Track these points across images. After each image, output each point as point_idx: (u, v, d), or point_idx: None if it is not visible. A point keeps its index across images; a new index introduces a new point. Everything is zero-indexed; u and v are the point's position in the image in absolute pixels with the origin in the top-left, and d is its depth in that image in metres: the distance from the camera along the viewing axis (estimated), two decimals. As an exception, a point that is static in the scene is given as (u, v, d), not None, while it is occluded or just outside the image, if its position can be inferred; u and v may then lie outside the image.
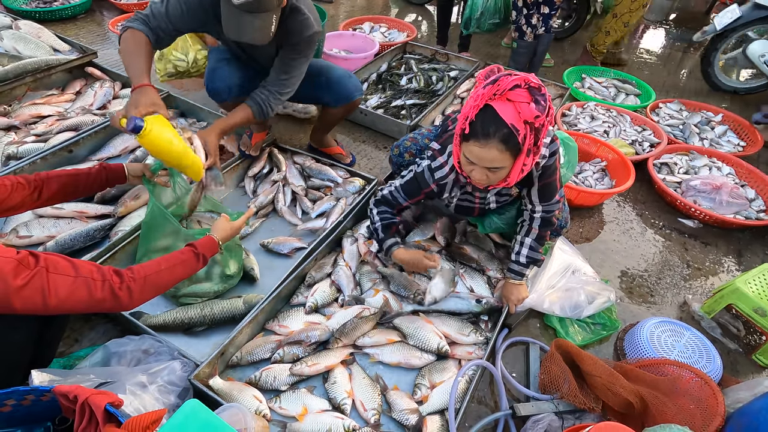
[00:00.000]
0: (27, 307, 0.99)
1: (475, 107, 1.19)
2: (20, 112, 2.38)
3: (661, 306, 1.88)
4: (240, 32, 1.51)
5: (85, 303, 1.06)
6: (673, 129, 2.91)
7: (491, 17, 3.18)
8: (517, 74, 1.16)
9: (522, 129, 1.16)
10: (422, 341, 1.54)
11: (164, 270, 1.22)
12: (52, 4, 3.71)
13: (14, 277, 0.95)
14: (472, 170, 1.29)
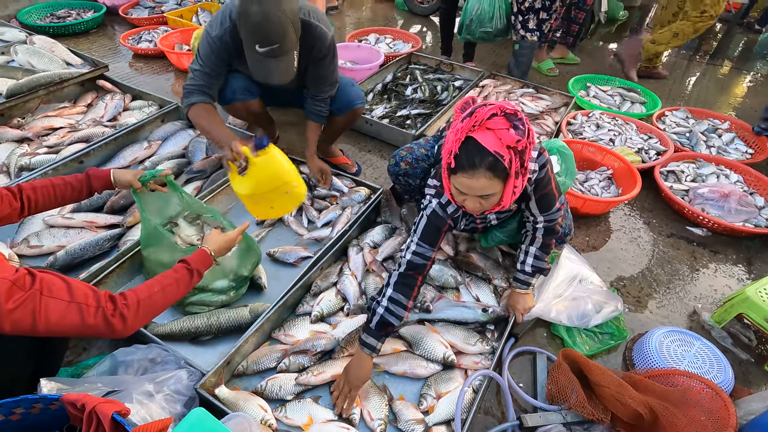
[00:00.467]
0: (16, 329, 0.98)
1: (457, 141, 1.20)
2: (33, 124, 2.43)
3: (670, 315, 1.86)
4: (267, 76, 1.64)
5: (77, 328, 1.04)
6: (680, 137, 2.90)
7: (482, 26, 3.16)
8: (492, 103, 1.19)
9: (506, 154, 1.18)
10: (428, 351, 1.53)
11: (157, 292, 1.20)
12: (65, 19, 3.81)
13: (6, 299, 0.95)
14: (465, 200, 1.30)
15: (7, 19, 3.61)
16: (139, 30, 3.74)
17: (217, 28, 1.73)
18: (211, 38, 1.73)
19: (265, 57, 1.57)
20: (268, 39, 1.53)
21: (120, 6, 4.02)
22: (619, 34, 4.86)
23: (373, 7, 5.07)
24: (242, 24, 1.56)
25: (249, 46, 1.58)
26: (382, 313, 1.39)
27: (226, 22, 1.70)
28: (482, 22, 3.14)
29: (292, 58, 1.63)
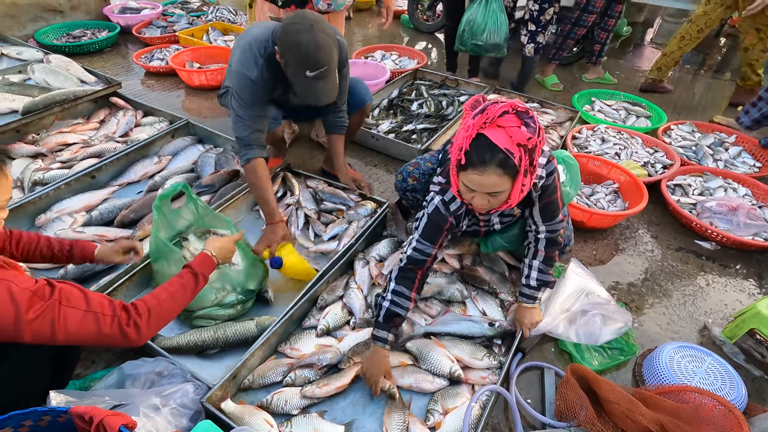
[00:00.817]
0: (36, 339, 1.02)
1: (468, 137, 1.21)
2: (47, 140, 2.49)
3: (681, 330, 1.83)
4: (318, 98, 1.69)
5: (94, 337, 1.08)
6: (686, 150, 2.90)
7: (473, 38, 3.15)
8: (504, 101, 1.20)
9: (516, 152, 1.19)
10: (434, 365, 1.52)
11: (166, 300, 1.23)
12: (80, 39, 3.92)
13: (27, 309, 0.99)
14: (473, 197, 1.31)
15: (25, 39, 3.73)
16: (152, 48, 3.84)
17: (252, 68, 1.72)
18: (252, 80, 1.73)
19: (315, 80, 1.62)
20: (319, 63, 1.59)
21: (133, 26, 4.14)
22: (623, 49, 4.90)
23: (379, 25, 5.17)
24: (292, 53, 1.60)
25: (298, 73, 1.62)
26: (388, 306, 1.47)
27: (259, 59, 1.73)
28: (474, 34, 3.14)
29: (335, 76, 1.69)
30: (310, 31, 1.57)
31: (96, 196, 2.17)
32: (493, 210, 1.37)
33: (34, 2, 3.86)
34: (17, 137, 2.48)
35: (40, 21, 3.93)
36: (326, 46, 1.59)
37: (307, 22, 1.58)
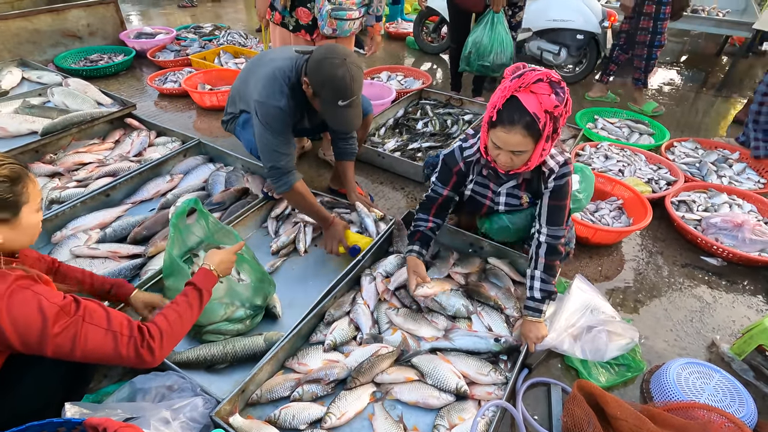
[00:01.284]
0: (56, 353, 1.06)
1: (503, 97, 1.37)
2: (64, 159, 2.58)
3: (688, 347, 1.82)
4: (349, 125, 1.82)
5: (109, 357, 1.12)
6: (690, 167, 2.92)
7: (480, 59, 3.24)
8: (540, 69, 1.35)
9: (542, 117, 1.34)
10: (440, 380, 1.53)
11: (175, 320, 1.27)
12: (97, 63, 4.08)
13: (53, 324, 1.03)
14: (498, 154, 1.48)
15: (45, 63, 3.89)
16: (165, 71, 3.97)
17: (280, 98, 1.79)
18: (282, 110, 1.79)
19: (346, 108, 1.72)
20: (352, 93, 1.70)
21: (148, 50, 4.30)
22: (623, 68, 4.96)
23: (385, 46, 5.30)
24: (328, 86, 1.68)
25: (331, 103, 1.71)
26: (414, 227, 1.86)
27: (285, 89, 1.80)
28: (481, 56, 3.23)
29: (361, 102, 1.80)
30: (345, 65, 1.67)
31: (110, 214, 2.23)
32: (513, 171, 1.54)
33: (54, 29, 4.04)
34: (36, 157, 2.57)
35: (59, 46, 4.11)
36: (359, 78, 1.72)
37: (341, 56, 1.68)
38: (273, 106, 1.79)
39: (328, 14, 2.36)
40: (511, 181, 1.72)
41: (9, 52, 3.78)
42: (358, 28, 2.54)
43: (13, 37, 3.81)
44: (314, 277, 2.01)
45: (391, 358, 1.60)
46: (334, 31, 2.42)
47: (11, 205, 1.08)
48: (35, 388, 1.17)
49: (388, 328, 1.75)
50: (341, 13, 2.37)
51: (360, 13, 2.46)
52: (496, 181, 1.74)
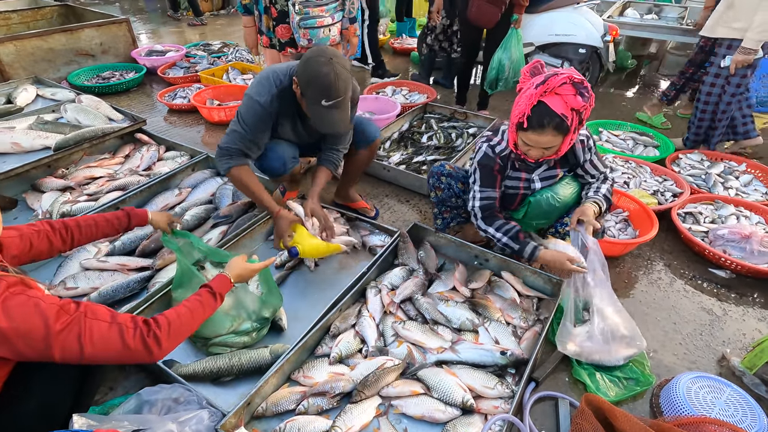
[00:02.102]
0: (64, 353, 1.05)
1: (530, 104, 1.49)
2: (76, 174, 2.63)
3: (698, 360, 1.80)
4: (333, 127, 1.79)
5: (118, 350, 1.11)
6: (696, 179, 2.91)
7: (515, 75, 3.38)
8: (563, 72, 1.45)
9: (570, 115, 1.47)
10: (446, 394, 1.52)
11: (184, 314, 1.27)
12: (109, 79, 4.18)
13: (55, 321, 1.04)
14: (529, 150, 1.62)
15: (59, 81, 3.99)
16: (175, 88, 4.06)
17: (264, 96, 1.82)
18: (260, 105, 1.82)
19: (331, 109, 1.71)
20: (336, 93, 1.69)
21: (159, 67, 4.40)
22: (629, 80, 5.01)
23: (390, 62, 5.38)
24: (313, 84, 1.69)
25: (315, 101, 1.71)
26: (507, 238, 1.80)
27: (273, 89, 1.83)
28: (516, 73, 3.33)
29: (349, 106, 1.79)
30: (330, 64, 1.67)
31: (119, 227, 2.26)
32: (543, 158, 1.66)
33: (68, 48, 4.15)
34: (48, 172, 2.62)
35: (73, 64, 4.22)
36: (344, 77, 1.70)
37: (327, 55, 1.69)
38: (254, 100, 1.83)
39: (298, 25, 2.41)
40: (542, 166, 1.80)
41: (25, 70, 3.89)
42: (338, 34, 2.56)
43: (29, 56, 3.92)
44: (320, 290, 2.02)
45: (397, 371, 1.59)
46: (309, 41, 2.47)
47: None
48: (42, 400, 1.17)
49: (394, 340, 1.75)
50: (310, 21, 2.41)
51: (333, 19, 2.48)
52: (528, 170, 1.81)
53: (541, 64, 1.59)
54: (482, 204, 1.83)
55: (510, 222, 1.83)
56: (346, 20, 2.58)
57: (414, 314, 1.85)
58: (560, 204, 1.81)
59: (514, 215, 1.93)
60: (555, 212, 1.85)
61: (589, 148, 1.76)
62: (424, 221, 2.53)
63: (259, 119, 1.85)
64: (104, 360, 1.12)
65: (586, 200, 1.77)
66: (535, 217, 1.87)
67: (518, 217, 1.91)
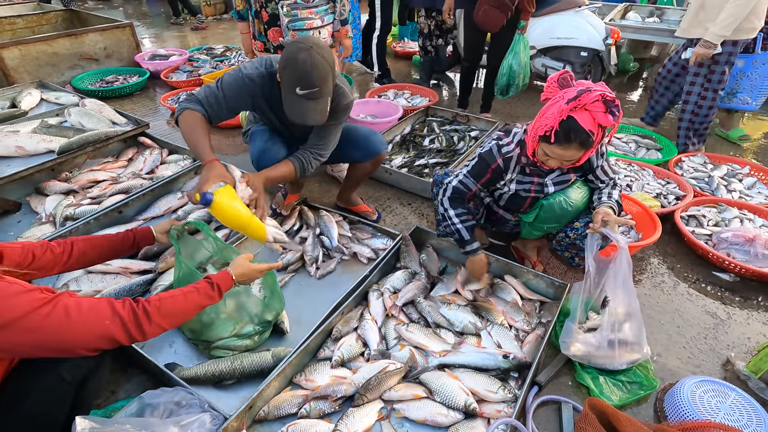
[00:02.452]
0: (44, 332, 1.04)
1: (558, 119, 1.48)
2: (79, 177, 2.64)
3: (702, 364, 1.79)
4: (304, 117, 1.71)
5: (107, 322, 1.11)
6: (699, 182, 2.90)
7: (524, 80, 3.46)
8: (597, 89, 1.46)
9: (596, 131, 1.48)
10: (448, 398, 1.51)
11: (178, 296, 1.26)
12: (113, 83, 4.20)
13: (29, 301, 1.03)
14: (548, 160, 1.61)
15: (63, 85, 4.01)
16: (178, 91, 4.08)
17: (252, 70, 1.83)
18: (242, 75, 1.81)
19: (304, 99, 1.67)
20: (311, 83, 1.63)
21: (162, 71, 4.43)
22: (631, 83, 5.00)
23: (392, 65, 5.39)
24: (288, 68, 1.65)
25: (289, 88, 1.67)
26: (461, 226, 1.83)
27: (262, 68, 1.83)
28: (525, 77, 3.41)
29: (326, 101, 1.73)
30: (308, 51, 1.62)
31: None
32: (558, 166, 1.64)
33: (73, 52, 4.18)
34: (52, 175, 2.63)
35: (77, 68, 4.25)
36: (321, 67, 1.63)
37: (308, 44, 1.65)
38: (240, 70, 1.82)
39: (287, 27, 2.42)
40: (555, 171, 1.78)
41: (29, 75, 3.92)
42: (329, 37, 2.56)
43: (34, 60, 3.95)
44: (322, 293, 2.01)
45: (399, 374, 1.59)
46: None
47: None
48: (38, 402, 1.16)
49: (396, 343, 1.74)
50: (299, 23, 2.42)
51: (323, 21, 2.48)
52: (540, 175, 1.80)
53: (570, 76, 1.56)
54: (456, 186, 1.85)
55: (470, 216, 1.87)
56: (338, 22, 2.58)
57: (416, 317, 1.85)
58: (572, 208, 1.79)
59: (525, 218, 1.92)
60: (567, 216, 1.82)
61: (602, 154, 1.76)
62: (426, 224, 2.53)
63: (237, 86, 1.81)
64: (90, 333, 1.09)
65: (600, 204, 1.74)
66: (546, 221, 1.85)
67: (529, 219, 1.89)
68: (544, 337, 1.70)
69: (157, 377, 1.62)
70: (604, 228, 1.65)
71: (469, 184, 1.84)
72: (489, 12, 3.12)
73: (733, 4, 2.60)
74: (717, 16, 2.69)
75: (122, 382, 1.63)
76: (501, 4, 3.06)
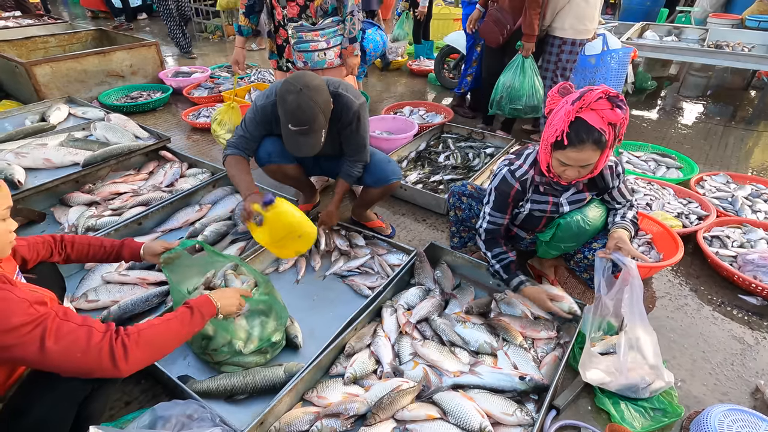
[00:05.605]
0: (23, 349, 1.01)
1: (567, 121, 1.47)
2: (102, 189, 2.71)
3: (730, 392, 1.71)
4: (297, 149, 1.90)
5: (81, 352, 1.05)
6: (722, 202, 2.83)
7: (512, 102, 3.27)
8: (597, 88, 1.45)
9: (607, 129, 1.46)
10: (463, 419, 1.47)
11: (157, 326, 1.21)
12: (137, 99, 4.34)
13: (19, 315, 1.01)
14: (564, 170, 1.58)
15: (90, 100, 4.16)
16: (199, 107, 4.19)
17: (263, 99, 2.01)
18: (256, 107, 2.02)
19: (297, 134, 1.82)
20: (300, 121, 1.79)
21: (184, 87, 4.56)
22: (649, 102, 4.96)
23: (408, 83, 5.47)
24: (280, 107, 1.83)
25: (283, 123, 1.84)
26: (499, 265, 1.86)
27: (272, 96, 1.98)
28: (513, 100, 3.24)
29: (319, 135, 1.86)
30: (297, 93, 1.75)
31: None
32: (578, 179, 1.61)
33: (100, 69, 4.34)
34: (76, 187, 2.71)
35: (104, 85, 4.40)
36: (308, 109, 1.76)
37: (299, 85, 1.76)
38: (255, 103, 2.03)
39: (294, 48, 2.52)
40: (570, 189, 1.76)
41: (59, 90, 4.08)
42: (335, 58, 2.61)
43: (64, 76, 4.11)
44: (335, 309, 2.01)
45: (413, 393, 1.56)
46: (305, 64, 2.57)
47: None
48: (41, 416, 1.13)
49: (409, 361, 1.71)
50: (303, 45, 2.50)
51: (329, 43, 2.54)
52: (555, 193, 1.77)
53: (570, 85, 1.58)
54: (488, 227, 1.86)
55: (507, 252, 1.87)
56: (346, 40, 2.61)
57: (430, 335, 1.82)
58: (590, 227, 1.77)
59: (541, 237, 1.88)
60: (584, 235, 1.80)
61: (618, 174, 1.73)
62: (440, 240, 2.51)
63: (254, 118, 2.04)
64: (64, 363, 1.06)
65: (615, 225, 1.72)
66: (563, 240, 1.81)
67: (545, 238, 1.86)
68: (562, 359, 1.65)
69: (169, 389, 1.62)
70: (615, 253, 1.62)
71: (497, 220, 1.84)
72: (489, 25, 3.23)
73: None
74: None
75: (136, 392, 1.63)
76: (496, 19, 3.17)
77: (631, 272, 1.58)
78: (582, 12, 3.07)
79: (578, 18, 3.08)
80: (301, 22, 2.47)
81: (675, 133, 4.12)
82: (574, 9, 3.06)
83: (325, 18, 2.50)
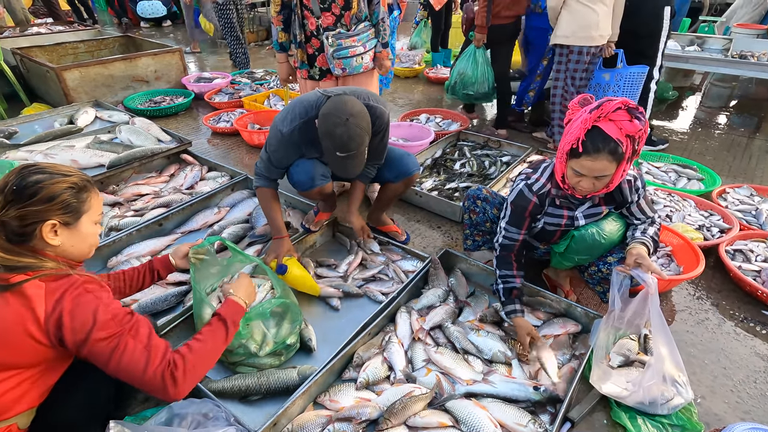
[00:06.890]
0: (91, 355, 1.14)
1: (584, 129, 1.46)
2: (125, 191, 2.79)
3: (752, 410, 1.66)
4: (345, 171, 1.94)
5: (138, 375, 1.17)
6: (745, 215, 2.76)
7: (465, 88, 3.63)
8: (616, 99, 1.44)
9: (625, 141, 1.44)
10: (475, 429, 1.46)
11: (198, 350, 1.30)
12: (160, 104, 4.46)
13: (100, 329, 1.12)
14: (579, 181, 1.55)
15: (116, 104, 4.30)
16: (219, 112, 4.28)
17: (287, 125, 1.95)
18: (282, 134, 1.96)
19: (344, 158, 1.84)
20: (348, 149, 1.81)
21: (206, 92, 4.67)
22: (670, 112, 4.88)
23: (425, 90, 5.49)
24: (327, 139, 1.81)
25: (330, 152, 1.84)
26: (503, 287, 1.83)
27: (296, 120, 1.95)
28: (465, 85, 3.65)
29: (364, 152, 1.88)
30: (344, 125, 1.76)
31: (161, 242, 2.37)
32: (591, 194, 1.60)
33: (126, 74, 4.49)
34: (100, 188, 2.79)
35: (129, 89, 4.54)
36: (356, 137, 1.78)
37: (344, 116, 1.77)
38: (278, 129, 1.97)
39: (332, 56, 2.53)
40: (586, 203, 1.73)
41: (87, 95, 4.22)
42: (370, 61, 2.65)
43: (91, 81, 4.26)
44: (349, 313, 2.02)
45: (425, 400, 1.55)
46: (344, 71, 2.59)
47: (74, 210, 1.19)
48: (85, 402, 1.24)
49: (422, 367, 1.71)
50: (343, 51, 2.52)
51: (366, 48, 2.58)
52: (571, 207, 1.75)
53: (590, 97, 1.56)
54: (503, 242, 1.84)
55: (515, 277, 1.83)
56: (380, 45, 2.67)
57: (443, 342, 1.82)
58: (606, 241, 1.73)
59: (555, 248, 1.87)
60: (599, 249, 1.76)
61: (637, 189, 1.68)
62: (455, 248, 2.51)
63: (281, 147, 2.01)
64: (124, 378, 1.18)
65: (634, 240, 1.67)
66: (577, 252, 1.79)
67: (559, 250, 1.84)
68: (577, 371, 1.63)
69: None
70: (635, 270, 1.59)
71: (513, 235, 1.81)
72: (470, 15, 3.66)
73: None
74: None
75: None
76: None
77: (650, 289, 1.55)
78: (583, 18, 3.03)
79: (580, 25, 3.06)
80: (339, 30, 2.52)
81: (697, 144, 4.04)
82: (574, 15, 3.05)
83: (357, 24, 2.55)
